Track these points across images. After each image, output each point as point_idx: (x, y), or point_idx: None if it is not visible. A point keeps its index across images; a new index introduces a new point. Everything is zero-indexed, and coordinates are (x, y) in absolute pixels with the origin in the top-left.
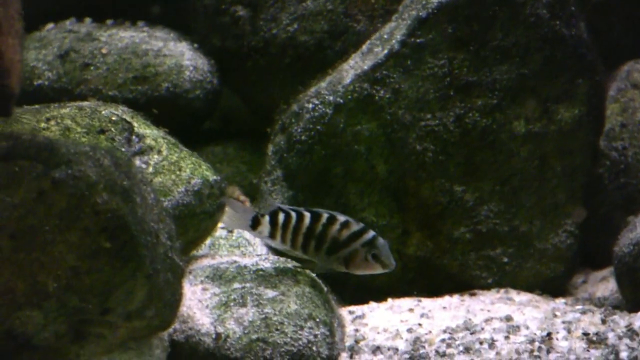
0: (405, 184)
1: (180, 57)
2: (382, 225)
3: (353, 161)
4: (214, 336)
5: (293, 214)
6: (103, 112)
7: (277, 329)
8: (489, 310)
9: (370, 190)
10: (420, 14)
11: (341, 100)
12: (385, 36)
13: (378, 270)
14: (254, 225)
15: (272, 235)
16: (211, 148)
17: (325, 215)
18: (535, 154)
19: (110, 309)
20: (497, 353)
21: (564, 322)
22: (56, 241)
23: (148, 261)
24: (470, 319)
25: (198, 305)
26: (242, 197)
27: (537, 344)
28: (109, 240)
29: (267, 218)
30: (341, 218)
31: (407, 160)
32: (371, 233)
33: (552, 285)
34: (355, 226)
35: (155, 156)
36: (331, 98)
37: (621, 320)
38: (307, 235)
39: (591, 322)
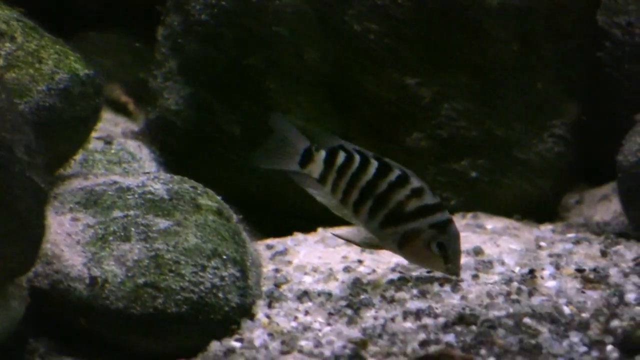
0: (344, 76)
1: None
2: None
3: (274, 48)
4: (88, 281)
5: (357, 157)
6: None
7: (171, 271)
8: None
9: (298, 86)
10: None
11: None
12: None
13: (440, 267)
14: (304, 161)
15: (322, 179)
16: (85, 34)
17: (396, 172)
18: (517, 34)
19: None
20: (463, 297)
21: (551, 256)
22: None
23: (4, 184)
24: None
25: (66, 241)
26: (125, 98)
27: (515, 284)
28: None
29: (322, 154)
30: (415, 182)
31: (346, 46)
32: (446, 214)
33: (537, 207)
34: (430, 199)
35: (7, 44)
36: None
37: (627, 251)
38: (364, 191)
39: (587, 254)
